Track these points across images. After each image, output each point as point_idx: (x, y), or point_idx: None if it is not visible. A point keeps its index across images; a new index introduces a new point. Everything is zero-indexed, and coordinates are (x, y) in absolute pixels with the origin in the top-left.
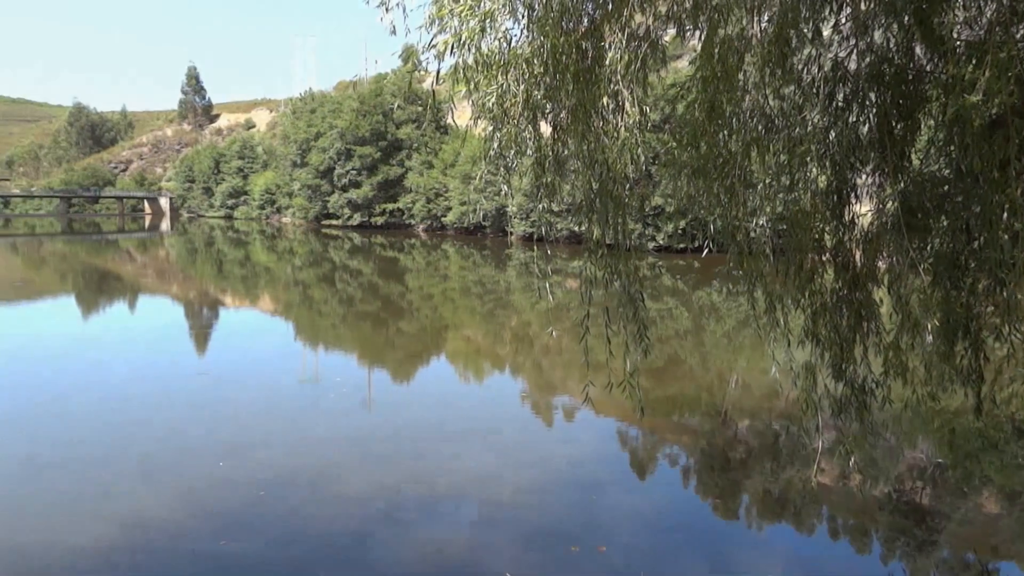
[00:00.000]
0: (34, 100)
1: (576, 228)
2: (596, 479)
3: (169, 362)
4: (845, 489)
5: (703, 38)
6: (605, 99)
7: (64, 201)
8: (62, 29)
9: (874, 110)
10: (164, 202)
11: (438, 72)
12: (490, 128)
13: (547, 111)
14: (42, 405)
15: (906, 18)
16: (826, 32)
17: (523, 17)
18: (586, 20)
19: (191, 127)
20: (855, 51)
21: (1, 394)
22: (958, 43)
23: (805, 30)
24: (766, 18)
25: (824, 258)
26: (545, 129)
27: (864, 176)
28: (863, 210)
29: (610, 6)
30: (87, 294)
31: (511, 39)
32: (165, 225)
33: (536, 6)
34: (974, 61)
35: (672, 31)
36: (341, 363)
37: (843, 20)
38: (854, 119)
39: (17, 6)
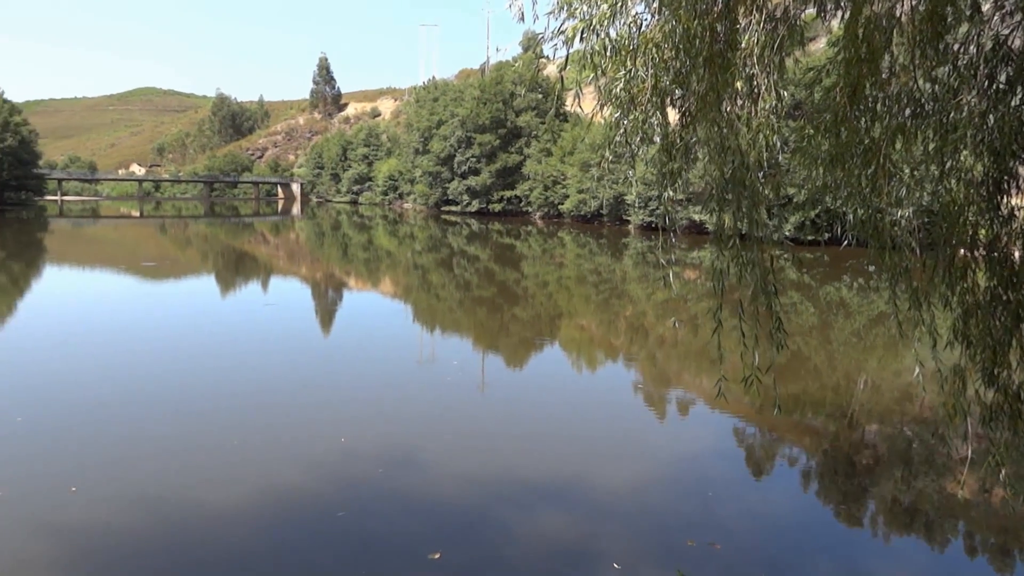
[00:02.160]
0: (182, 91)
1: (697, 217)
2: (711, 475)
3: (297, 341)
4: (985, 504)
5: (846, 18)
6: (739, 84)
7: (207, 185)
8: (208, 23)
9: None
10: (295, 187)
11: (567, 58)
12: (616, 114)
13: (676, 97)
14: (175, 383)
15: None
16: (986, 7)
17: (654, 0)
18: (720, 2)
19: (321, 116)
20: (1020, 28)
21: (139, 365)
22: None
23: (962, 6)
24: None
25: (977, 253)
26: (672, 116)
27: None
28: None
29: None
30: (225, 273)
31: (641, 24)
32: (296, 209)
33: None
34: None
35: (811, 10)
36: (457, 345)
37: None
38: (1017, 102)
39: (168, 2)
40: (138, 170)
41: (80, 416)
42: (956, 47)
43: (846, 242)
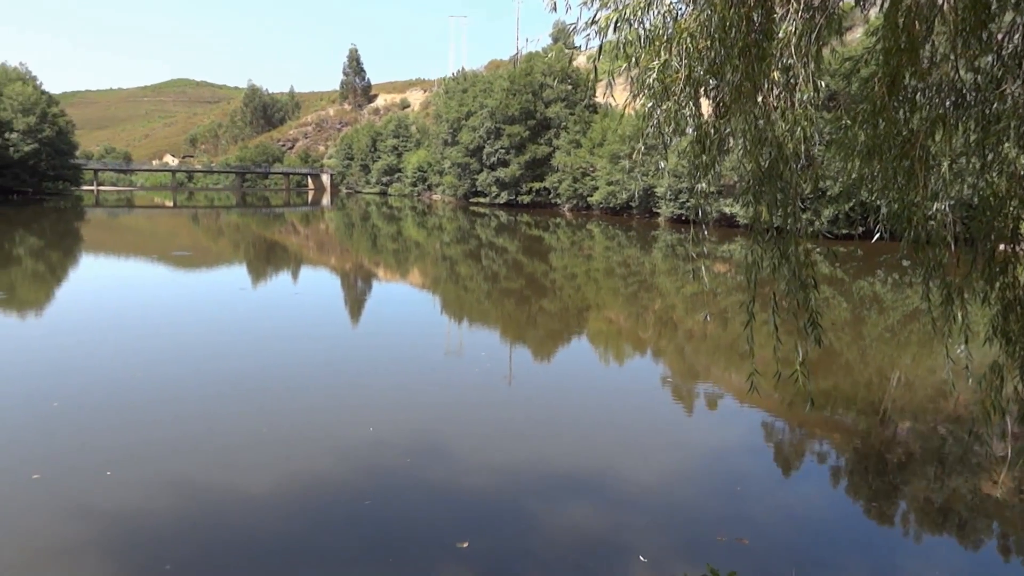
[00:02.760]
0: (214, 83)
1: (727, 210)
2: (740, 470)
3: (325, 330)
4: (1021, 504)
5: (885, 6)
6: (775, 74)
7: (238, 176)
8: (240, 15)
9: None
10: (325, 178)
11: (599, 48)
12: (649, 105)
13: (710, 87)
14: (207, 370)
15: None
16: None
17: None
18: None
19: (351, 107)
20: None
21: (171, 352)
22: None
23: None
24: None
25: (1019, 248)
26: (706, 107)
27: None
28: None
29: None
30: (256, 263)
31: (676, 14)
32: (326, 200)
33: None
34: None
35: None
36: (484, 338)
37: None
38: None
39: None
40: (171, 161)
41: (114, 402)
42: (1000, 36)
43: (878, 235)
